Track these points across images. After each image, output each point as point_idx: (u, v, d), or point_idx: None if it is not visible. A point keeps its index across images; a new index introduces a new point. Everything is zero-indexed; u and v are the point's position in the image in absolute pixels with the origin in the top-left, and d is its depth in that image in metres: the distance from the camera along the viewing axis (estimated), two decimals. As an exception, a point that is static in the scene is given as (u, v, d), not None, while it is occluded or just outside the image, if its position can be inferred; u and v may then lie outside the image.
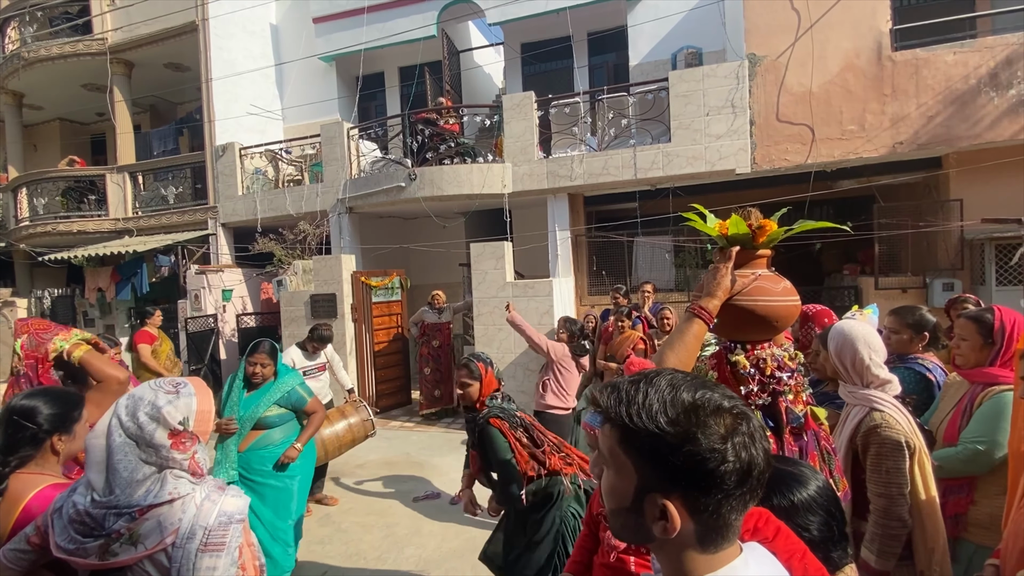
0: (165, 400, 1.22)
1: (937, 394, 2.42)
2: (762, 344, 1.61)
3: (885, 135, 5.86)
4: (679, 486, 0.67)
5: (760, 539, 0.86)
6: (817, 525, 1.08)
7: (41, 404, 1.52)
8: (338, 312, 6.92)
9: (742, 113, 6.16)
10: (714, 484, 0.66)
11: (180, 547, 1.14)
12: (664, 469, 0.68)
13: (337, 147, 7.88)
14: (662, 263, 7.12)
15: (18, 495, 1.42)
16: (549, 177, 6.79)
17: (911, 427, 1.74)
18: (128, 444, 1.17)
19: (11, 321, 10.73)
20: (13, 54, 10.10)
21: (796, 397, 1.60)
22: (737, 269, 1.61)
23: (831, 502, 1.12)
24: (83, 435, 1.60)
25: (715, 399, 0.70)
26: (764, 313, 1.54)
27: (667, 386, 0.71)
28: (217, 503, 1.22)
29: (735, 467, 0.67)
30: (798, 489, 1.10)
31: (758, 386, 1.58)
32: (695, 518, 0.68)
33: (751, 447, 0.68)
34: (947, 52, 5.69)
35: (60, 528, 1.18)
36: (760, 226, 1.60)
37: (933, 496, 1.73)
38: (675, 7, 7.85)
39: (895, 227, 5.94)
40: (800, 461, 1.22)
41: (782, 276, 1.65)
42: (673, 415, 0.68)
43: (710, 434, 0.67)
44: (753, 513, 0.96)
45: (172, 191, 9.58)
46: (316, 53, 9.74)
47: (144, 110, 11.84)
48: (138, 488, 1.15)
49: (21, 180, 10.28)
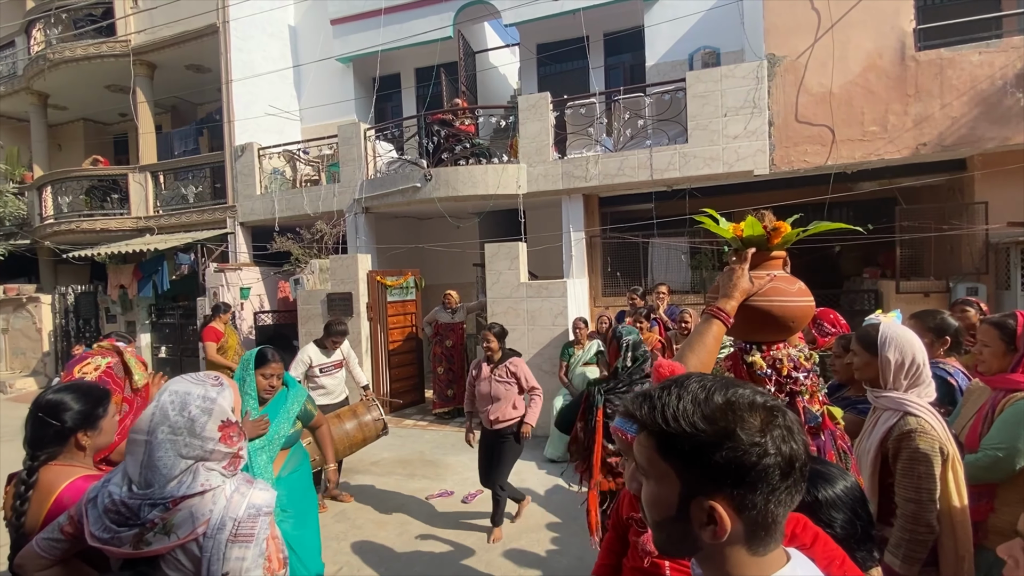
0: (216, 392, 1.25)
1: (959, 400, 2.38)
2: (777, 345, 1.62)
3: (908, 136, 5.76)
4: (725, 485, 0.67)
5: (798, 545, 0.86)
6: (841, 522, 1.08)
7: (66, 401, 1.53)
8: (354, 311, 6.98)
9: (760, 114, 6.10)
10: (759, 479, 0.66)
11: (211, 537, 1.16)
12: (707, 470, 0.68)
13: (354, 148, 7.96)
14: (678, 265, 7.07)
15: (50, 486, 1.45)
16: (564, 178, 6.79)
17: (946, 433, 1.71)
18: (171, 440, 1.19)
19: (35, 317, 11.00)
20: (39, 55, 10.36)
21: (812, 397, 1.60)
22: (752, 271, 1.61)
23: (858, 502, 1.12)
24: (110, 429, 1.63)
25: (748, 395, 0.71)
26: (780, 314, 1.54)
27: (699, 388, 0.72)
28: (246, 496, 1.24)
29: (777, 460, 0.67)
30: (824, 486, 1.11)
31: (775, 387, 1.58)
32: (742, 517, 0.68)
33: (791, 439, 0.69)
34: (972, 52, 5.58)
35: (95, 517, 1.21)
36: (775, 227, 1.60)
37: (965, 504, 1.70)
38: (693, 7, 7.80)
39: (917, 230, 5.83)
40: (829, 462, 1.22)
41: (795, 278, 1.65)
42: (709, 413, 0.68)
43: (748, 428, 0.67)
44: (791, 519, 0.95)
45: (192, 190, 9.75)
46: (333, 54, 9.85)
47: (165, 111, 12.06)
48: (173, 480, 1.17)
49: (46, 179, 10.53)
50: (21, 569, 1.31)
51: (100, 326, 10.75)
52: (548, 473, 4.96)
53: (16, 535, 1.44)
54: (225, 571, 1.16)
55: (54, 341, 11.00)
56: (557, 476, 4.86)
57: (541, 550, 3.64)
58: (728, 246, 1.70)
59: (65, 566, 1.33)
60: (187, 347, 9.01)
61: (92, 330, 10.76)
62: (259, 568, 1.19)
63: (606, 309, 6.61)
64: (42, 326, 11.02)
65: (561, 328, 6.03)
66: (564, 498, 4.42)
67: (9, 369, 11.42)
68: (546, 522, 4.02)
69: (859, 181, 6.45)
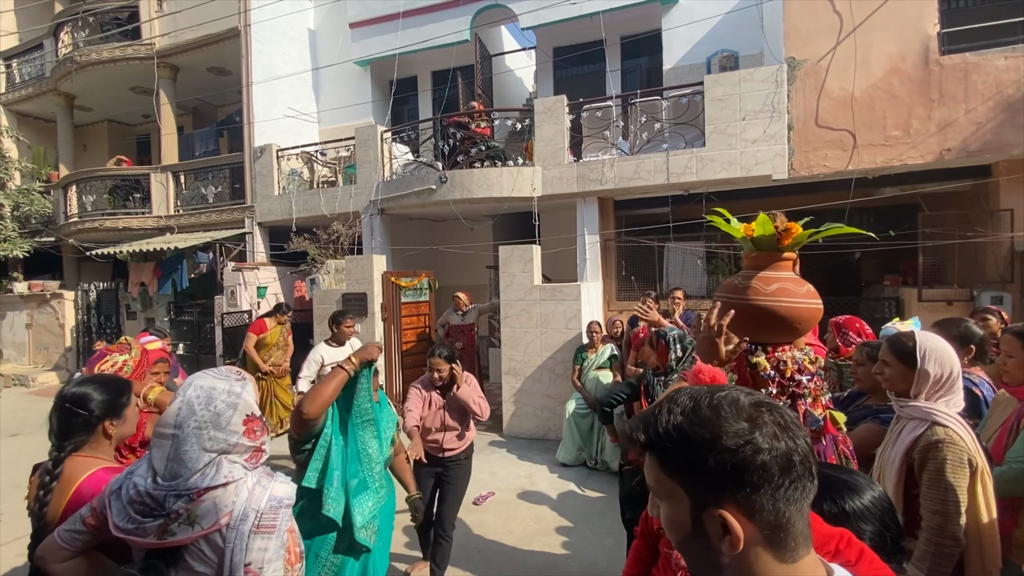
0: (240, 386, 1.28)
1: (984, 410, 2.33)
2: (783, 347, 1.61)
3: (931, 142, 5.66)
4: (727, 491, 0.68)
5: (842, 561, 0.84)
6: (870, 534, 1.06)
7: (91, 391, 1.58)
8: (368, 311, 7.03)
9: (780, 118, 6.03)
10: (759, 478, 0.67)
11: (234, 528, 1.18)
12: (707, 478, 0.69)
13: (370, 150, 8.03)
14: (693, 269, 7.02)
15: (71, 477, 1.48)
16: (579, 181, 6.78)
17: (975, 445, 1.66)
18: (197, 434, 1.21)
19: (58, 313, 11.25)
20: (66, 58, 10.63)
21: (815, 401, 1.58)
22: (762, 272, 1.60)
23: (887, 513, 1.10)
24: (133, 418, 1.67)
25: (732, 395, 0.72)
26: (787, 315, 1.54)
27: (687, 399, 0.74)
28: (268, 488, 1.25)
29: (772, 456, 0.67)
30: (851, 497, 1.09)
31: (777, 388, 1.56)
32: (754, 521, 0.68)
33: (784, 434, 0.69)
34: (998, 57, 5.47)
35: (118, 509, 1.23)
36: (786, 228, 1.59)
37: (994, 518, 1.65)
38: (711, 10, 7.76)
39: (941, 237, 5.72)
40: (856, 471, 1.19)
41: (803, 280, 1.63)
42: (697, 421, 0.70)
43: (736, 429, 0.68)
44: (835, 535, 0.94)
45: (212, 190, 9.91)
46: (352, 58, 9.96)
47: (187, 112, 12.30)
48: (197, 473, 1.19)
49: (71, 178, 10.79)
50: (42, 561, 1.32)
51: (120, 322, 10.96)
52: (560, 477, 4.94)
53: (38, 525, 1.46)
54: (248, 561, 1.17)
55: (76, 337, 11.24)
56: (569, 480, 4.83)
57: (551, 554, 3.63)
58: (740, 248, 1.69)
59: (85, 558, 1.34)
60: (204, 344, 9.15)
61: (113, 326, 10.98)
62: (280, 559, 1.20)
63: (620, 313, 6.58)
64: (65, 322, 11.27)
65: (575, 332, 6.00)
66: (576, 502, 4.40)
67: (33, 363, 11.69)
68: (557, 526, 4.00)
69: (881, 187, 6.35)
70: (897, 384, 1.83)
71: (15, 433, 7.05)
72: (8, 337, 11.99)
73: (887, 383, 1.88)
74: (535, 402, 6.17)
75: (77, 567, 1.32)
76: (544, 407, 6.12)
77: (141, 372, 2.28)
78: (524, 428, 6.16)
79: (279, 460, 5.65)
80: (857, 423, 2.22)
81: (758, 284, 1.58)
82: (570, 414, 5.27)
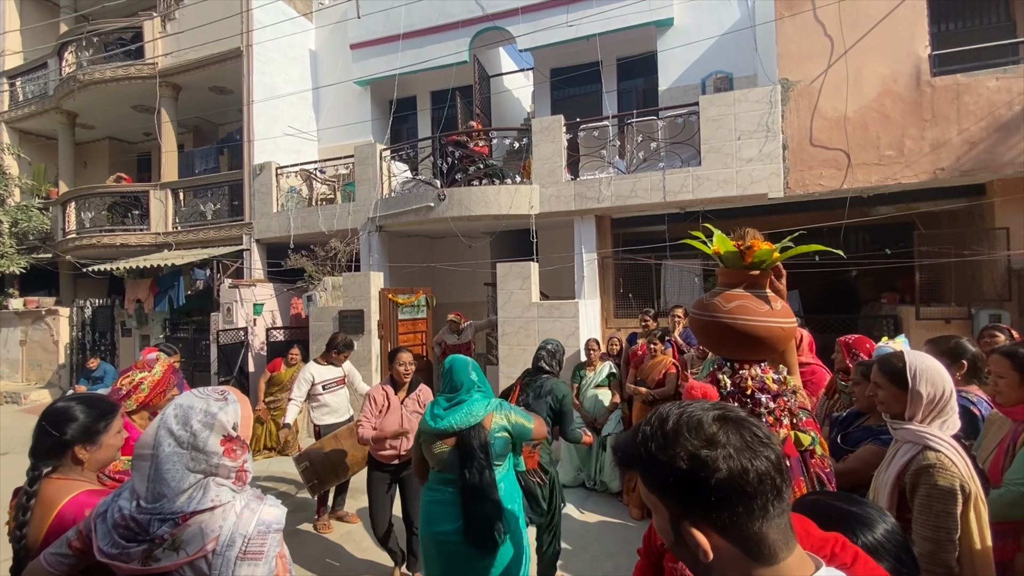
0: (217, 407, 1.24)
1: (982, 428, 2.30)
2: (751, 364, 1.60)
3: (925, 161, 5.72)
4: (694, 508, 0.71)
5: (838, 564, 0.84)
6: (886, 570, 1.02)
7: (71, 412, 1.52)
8: (365, 328, 6.99)
9: (774, 138, 6.10)
10: (721, 497, 0.69)
11: (220, 554, 1.14)
12: (676, 495, 0.72)
13: (369, 167, 8.08)
14: (691, 287, 7.02)
15: (52, 500, 1.43)
16: (576, 199, 6.82)
17: (968, 470, 1.61)
18: (177, 453, 1.18)
19: (53, 329, 11.18)
20: (69, 76, 10.75)
21: (778, 421, 1.56)
22: (731, 289, 1.61)
23: (900, 547, 1.05)
24: (113, 445, 1.59)
25: (697, 416, 0.74)
26: (744, 331, 1.55)
27: (656, 420, 0.76)
28: (256, 512, 1.22)
29: (729, 476, 0.68)
30: (863, 531, 1.04)
31: (736, 404, 1.55)
32: (723, 535, 0.70)
33: (741, 454, 0.70)
34: (989, 77, 5.57)
35: (103, 532, 1.20)
36: (748, 246, 1.59)
37: (988, 546, 1.59)
38: (706, 33, 7.90)
39: (937, 255, 5.74)
40: (867, 502, 1.16)
41: (775, 298, 1.63)
42: (662, 441, 0.73)
43: (694, 449, 0.70)
44: (829, 539, 0.94)
45: (210, 207, 9.94)
46: (352, 77, 10.09)
47: (188, 130, 12.40)
48: (183, 495, 1.16)
49: (71, 195, 10.82)
50: None
51: (116, 340, 10.88)
52: (558, 497, 4.86)
53: (18, 548, 1.42)
54: (234, 589, 1.13)
55: (70, 354, 11.15)
56: (568, 502, 4.75)
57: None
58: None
59: (71, 582, 1.31)
60: (200, 362, 9.07)
61: (108, 343, 10.89)
62: (268, 587, 1.16)
63: (617, 331, 6.55)
64: (59, 339, 11.19)
65: (572, 349, 5.98)
66: (574, 525, 4.31)
67: (25, 380, 11.57)
68: (556, 548, 3.91)
69: (876, 205, 6.39)
70: (891, 406, 1.79)
71: (6, 452, 6.94)
72: (2, 354, 11.88)
73: (882, 406, 1.85)
74: (533, 421, 6.10)
75: None
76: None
77: (159, 392, 2.18)
78: (522, 447, 6.08)
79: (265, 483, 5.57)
80: (857, 444, 2.19)
81: (720, 301, 1.61)
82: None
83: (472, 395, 2.38)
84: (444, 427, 2.29)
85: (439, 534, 2.26)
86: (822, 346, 3.40)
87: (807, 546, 0.91)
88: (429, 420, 2.36)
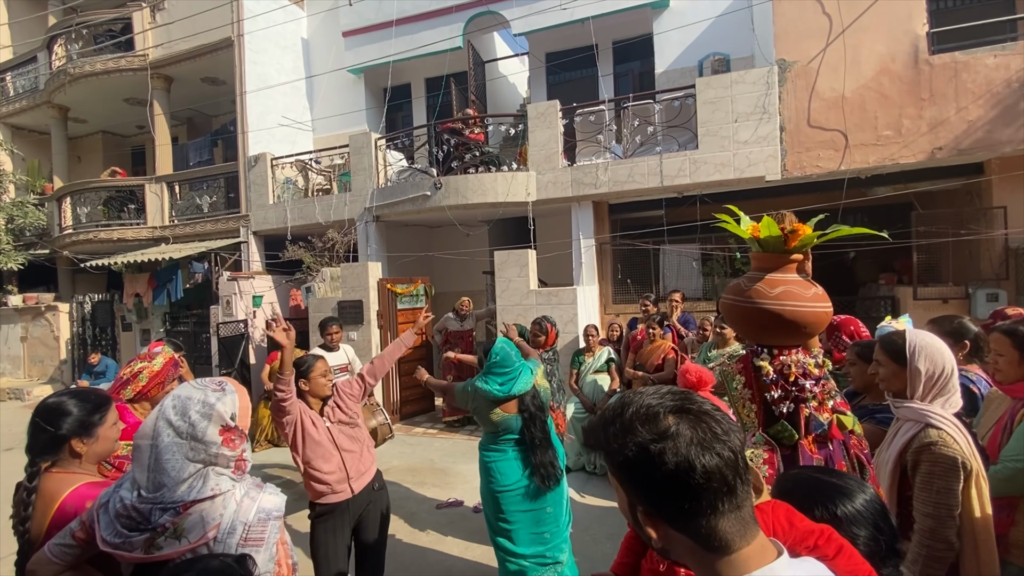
0: (215, 397, 1.25)
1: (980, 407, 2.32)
2: (789, 350, 1.58)
3: (923, 140, 5.69)
4: (641, 496, 0.71)
5: (819, 556, 0.84)
6: (864, 539, 1.04)
7: (64, 406, 1.52)
8: (364, 319, 7.01)
9: (772, 119, 6.06)
10: (666, 490, 0.68)
11: (221, 541, 1.16)
12: (628, 483, 0.72)
13: (365, 157, 8.03)
14: (689, 271, 7.02)
15: (53, 493, 1.45)
16: (573, 185, 6.79)
17: (969, 447, 1.63)
18: (176, 443, 1.19)
19: (53, 325, 11.20)
20: (60, 70, 10.63)
21: (821, 405, 1.55)
22: (769, 274, 1.58)
23: (879, 516, 1.08)
24: (109, 437, 1.60)
25: (653, 408, 0.71)
26: (792, 318, 1.52)
27: (619, 404, 0.75)
28: (256, 500, 1.24)
29: (675, 470, 0.67)
30: (842, 502, 1.07)
31: (781, 392, 1.55)
32: (676, 527, 0.70)
33: (692, 448, 0.67)
34: (987, 55, 5.51)
35: (106, 523, 1.21)
36: (793, 230, 1.57)
37: (990, 522, 1.62)
38: (702, 14, 7.80)
39: (934, 235, 5.74)
40: (846, 474, 1.18)
41: (814, 282, 1.61)
42: (616, 430, 0.72)
43: (643, 440, 0.69)
44: (814, 531, 0.94)
45: (206, 200, 9.89)
46: (345, 66, 9.98)
47: (181, 123, 12.29)
48: (183, 484, 1.18)
49: (66, 190, 10.76)
50: (33, 575, 1.31)
51: (116, 334, 10.90)
52: (559, 482, 4.91)
53: (22, 542, 1.44)
54: None
55: (71, 349, 11.18)
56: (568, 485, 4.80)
57: (552, 560, 3.59)
58: (743, 251, 1.68)
59: (76, 572, 1.33)
60: (200, 355, 9.09)
61: (108, 338, 10.91)
62: (270, 573, 1.19)
63: (616, 316, 6.57)
64: (60, 334, 11.21)
65: (571, 336, 6.00)
66: (575, 508, 4.35)
67: (27, 376, 11.62)
68: (557, 532, 3.97)
69: (874, 186, 6.37)
70: (892, 384, 1.80)
71: (10, 447, 6.99)
72: (3, 350, 11.92)
73: (883, 383, 1.86)
74: (533, 407, 6.14)
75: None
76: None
77: (157, 383, 2.17)
78: (522, 433, 6.13)
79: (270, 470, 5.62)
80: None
81: (763, 287, 1.56)
82: (568, 419, 5.25)
83: (523, 366, 2.84)
84: (514, 393, 2.74)
85: (510, 485, 2.74)
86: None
87: (791, 538, 0.93)
88: (496, 391, 2.73)
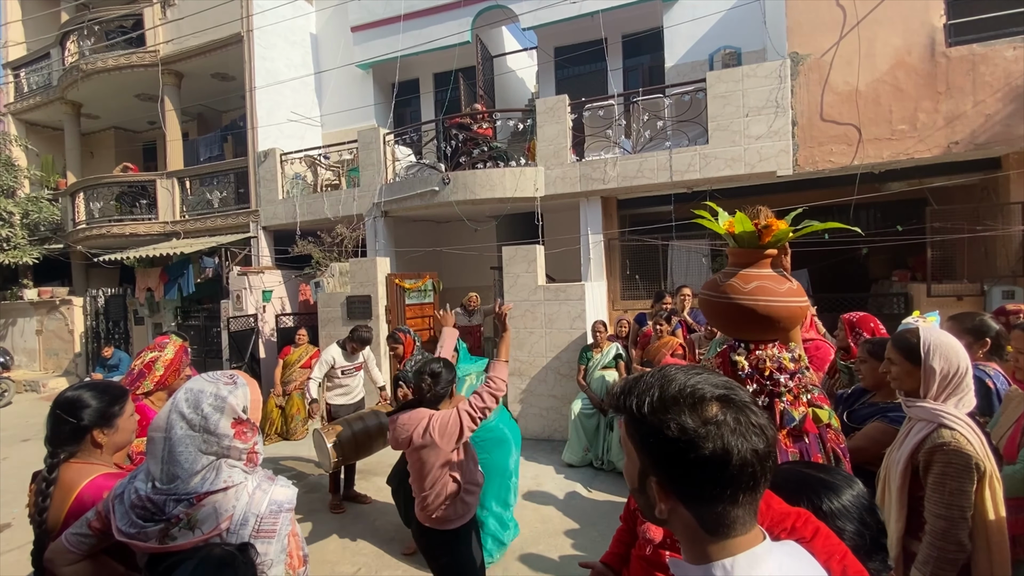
0: (227, 390, 1.27)
1: (997, 404, 2.29)
2: (765, 345, 1.59)
3: (939, 135, 5.60)
4: (662, 472, 0.72)
5: (796, 538, 0.86)
6: (850, 533, 1.05)
7: (84, 398, 1.55)
8: (373, 313, 7.04)
9: (784, 113, 5.99)
10: (691, 471, 0.69)
11: (234, 533, 1.17)
12: (650, 454, 0.73)
13: (373, 152, 8.05)
14: (698, 267, 6.98)
15: (71, 484, 1.47)
16: (582, 180, 6.76)
17: (983, 448, 1.60)
18: (190, 436, 1.21)
19: (68, 319, 11.36)
20: (72, 66, 10.74)
21: (796, 399, 1.55)
22: (744, 269, 1.58)
23: (865, 510, 1.09)
24: (128, 428, 1.63)
25: (700, 390, 0.73)
26: (765, 313, 1.53)
27: (661, 377, 0.76)
28: (268, 492, 1.25)
29: (711, 456, 0.68)
30: (828, 496, 1.08)
31: (756, 386, 1.55)
32: (688, 507, 0.71)
33: (731, 437, 0.69)
34: (1006, 47, 5.40)
35: (121, 513, 1.23)
36: (767, 225, 1.57)
37: (1003, 524, 1.59)
38: (713, 7, 7.72)
39: (949, 231, 5.65)
40: (834, 468, 1.18)
41: (790, 277, 1.61)
42: (657, 404, 0.73)
43: (683, 422, 0.70)
44: (791, 513, 0.96)
45: (217, 195, 9.97)
46: (354, 61, 10.00)
47: (192, 118, 12.38)
48: (196, 476, 1.19)
49: (79, 185, 10.89)
50: (51, 564, 1.33)
51: (129, 328, 11.04)
52: (566, 478, 4.92)
53: (39, 532, 1.46)
54: (248, 567, 1.17)
55: (85, 342, 11.34)
56: (576, 481, 4.81)
57: (556, 556, 3.61)
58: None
59: (93, 561, 1.35)
60: (211, 348, 9.20)
61: (121, 332, 11.06)
62: (281, 564, 1.20)
63: (625, 312, 6.55)
64: (74, 328, 11.38)
65: (579, 331, 5.99)
66: (582, 503, 4.37)
67: (43, 369, 11.81)
68: (564, 528, 3.98)
69: (887, 181, 6.28)
70: (905, 382, 1.77)
71: (26, 438, 7.12)
72: (19, 343, 12.12)
73: (895, 382, 1.83)
74: (540, 403, 6.15)
75: (85, 570, 1.33)
76: (550, 407, 6.10)
77: (173, 370, 2.17)
78: (530, 429, 6.14)
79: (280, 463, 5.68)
80: (864, 421, 2.18)
81: (737, 282, 1.57)
82: (576, 414, 5.25)
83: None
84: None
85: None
86: (831, 326, 3.38)
87: (766, 520, 0.94)
88: None
